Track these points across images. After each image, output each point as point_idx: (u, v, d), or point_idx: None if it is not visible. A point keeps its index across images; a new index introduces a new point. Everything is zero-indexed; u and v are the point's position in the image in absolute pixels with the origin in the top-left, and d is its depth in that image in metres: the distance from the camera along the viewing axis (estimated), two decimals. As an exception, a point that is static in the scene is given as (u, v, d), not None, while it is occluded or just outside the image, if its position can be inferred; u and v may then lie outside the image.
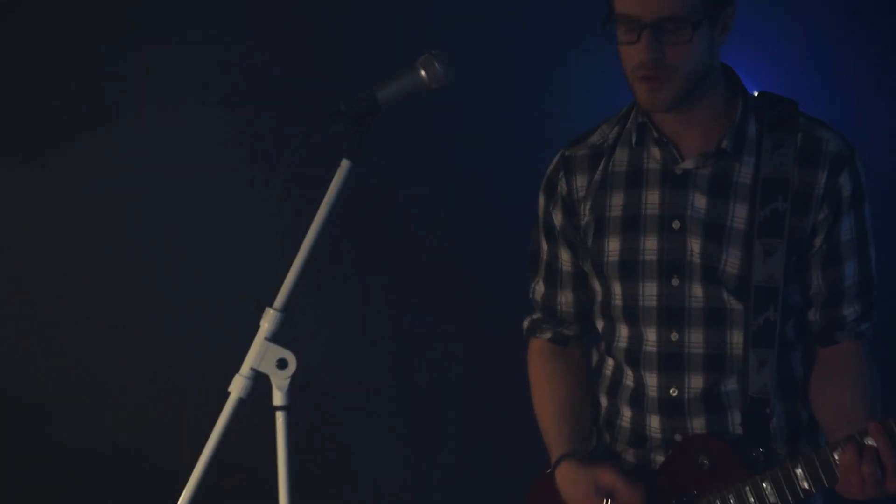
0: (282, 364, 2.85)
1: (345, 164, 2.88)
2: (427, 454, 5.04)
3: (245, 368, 2.86)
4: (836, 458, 2.77)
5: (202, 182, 5.06)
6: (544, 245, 3.30)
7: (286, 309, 2.86)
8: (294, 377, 2.85)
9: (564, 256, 3.26)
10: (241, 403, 2.86)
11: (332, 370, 4.87)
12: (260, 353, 2.85)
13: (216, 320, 4.91)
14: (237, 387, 2.86)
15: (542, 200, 3.28)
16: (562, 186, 3.22)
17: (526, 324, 3.41)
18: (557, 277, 3.29)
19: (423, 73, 2.90)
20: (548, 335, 3.36)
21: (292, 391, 2.86)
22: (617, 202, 3.11)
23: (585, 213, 3.17)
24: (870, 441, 2.73)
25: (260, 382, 2.88)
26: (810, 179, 2.91)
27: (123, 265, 5.13)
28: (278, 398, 2.85)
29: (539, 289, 3.35)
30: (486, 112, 4.76)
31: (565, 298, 3.29)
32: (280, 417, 2.85)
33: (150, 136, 5.07)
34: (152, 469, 4.87)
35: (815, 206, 2.91)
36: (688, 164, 3.00)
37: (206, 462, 2.86)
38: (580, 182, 3.18)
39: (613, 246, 3.11)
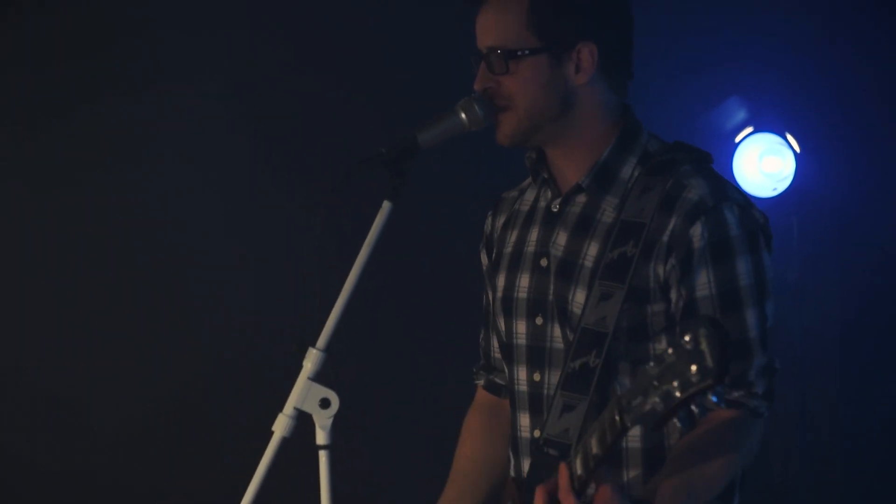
0: (324, 403, 2.85)
1: (386, 205, 2.89)
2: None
3: (288, 408, 2.87)
4: None
5: (246, 223, 5.14)
6: (485, 291, 3.26)
7: (328, 349, 2.87)
8: (337, 416, 2.87)
9: (491, 298, 3.20)
10: (285, 443, 2.87)
11: (375, 407, 4.91)
12: (303, 393, 2.86)
13: (259, 360, 4.97)
14: (281, 426, 2.87)
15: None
16: (487, 226, 3.22)
17: (473, 369, 3.35)
18: (490, 321, 3.23)
19: (463, 116, 2.93)
20: (482, 382, 3.30)
21: (335, 429, 2.88)
22: (512, 239, 3.08)
23: (494, 251, 3.15)
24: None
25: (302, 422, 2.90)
26: (662, 226, 2.74)
27: (167, 307, 5.20)
28: (321, 437, 2.86)
29: (482, 335, 3.30)
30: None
31: (496, 343, 3.21)
32: (323, 456, 2.85)
33: (195, 170, 5.17)
34: None
35: (659, 255, 2.73)
36: (560, 201, 2.95)
37: (250, 502, 2.87)
38: (499, 222, 3.17)
39: (500, 282, 3.07)
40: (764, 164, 5.22)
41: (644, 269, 2.74)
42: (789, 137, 5.19)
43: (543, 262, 2.95)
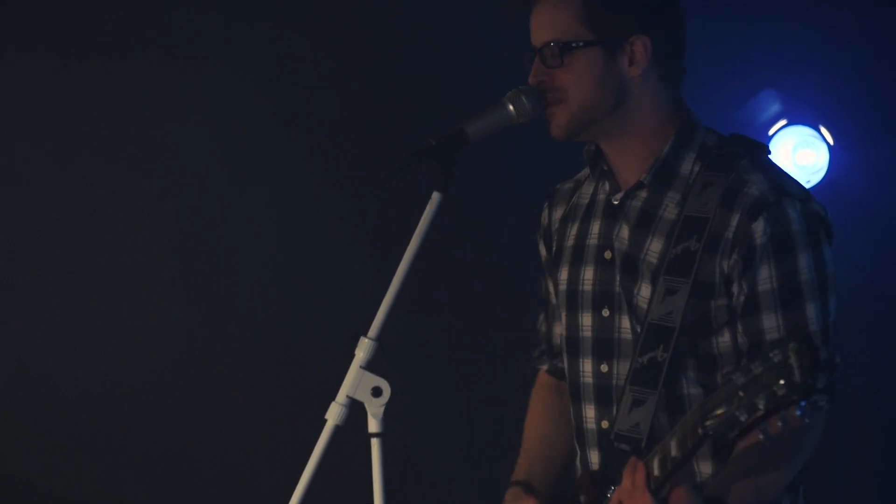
0: (376, 392, 2.89)
1: (435, 196, 2.93)
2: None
3: (341, 396, 2.91)
4: None
5: (299, 214, 5.20)
6: (542, 278, 3.29)
7: (380, 338, 2.91)
8: (389, 404, 2.90)
9: (552, 288, 3.24)
10: (337, 430, 2.91)
11: (423, 399, 4.95)
12: (355, 382, 2.90)
13: (311, 348, 5.02)
14: (333, 414, 2.91)
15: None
16: (544, 218, 3.25)
17: (534, 354, 3.39)
18: (550, 310, 3.27)
19: (510, 107, 2.96)
20: (545, 367, 3.34)
21: (387, 418, 2.91)
22: (573, 232, 3.11)
23: (554, 244, 3.18)
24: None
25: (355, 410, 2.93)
26: (725, 222, 2.78)
27: (218, 299, 5.27)
28: (373, 425, 2.90)
29: (541, 320, 3.33)
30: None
31: (558, 331, 3.23)
32: (375, 444, 2.90)
33: (245, 169, 5.22)
34: (248, 497, 4.97)
35: (724, 250, 2.77)
36: (621, 195, 2.98)
37: (304, 489, 2.91)
38: (557, 214, 3.20)
39: (563, 276, 3.10)
40: (797, 156, 5.24)
41: (709, 265, 2.78)
42: (823, 130, 5.21)
43: (608, 255, 2.99)
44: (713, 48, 5.25)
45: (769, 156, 2.91)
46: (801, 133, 5.24)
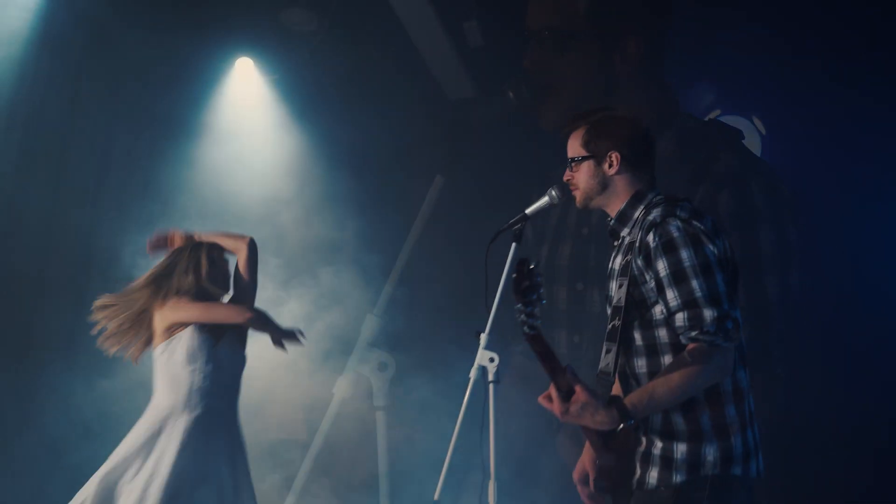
0: (382, 367, 3.02)
1: (438, 179, 3.08)
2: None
3: (349, 371, 3.02)
4: None
5: (306, 195, 5.30)
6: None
7: (386, 315, 3.03)
8: (393, 379, 3.03)
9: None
10: (345, 403, 3.02)
11: (428, 374, 5.05)
12: (362, 357, 3.02)
13: (320, 325, 5.11)
14: (341, 388, 3.02)
15: None
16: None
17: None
18: None
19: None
20: (518, 348, 3.50)
21: (391, 392, 3.03)
22: (556, 212, 3.38)
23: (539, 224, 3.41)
24: None
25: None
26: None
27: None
28: (379, 399, 3.03)
29: None
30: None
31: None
32: (380, 416, 3.03)
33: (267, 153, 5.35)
34: (265, 463, 5.06)
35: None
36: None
37: (314, 456, 3.02)
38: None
39: (544, 252, 3.35)
40: (730, 146, 5.33)
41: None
42: (755, 120, 5.32)
43: (585, 231, 3.18)
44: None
45: (742, 141, 3.12)
46: (734, 123, 5.33)
